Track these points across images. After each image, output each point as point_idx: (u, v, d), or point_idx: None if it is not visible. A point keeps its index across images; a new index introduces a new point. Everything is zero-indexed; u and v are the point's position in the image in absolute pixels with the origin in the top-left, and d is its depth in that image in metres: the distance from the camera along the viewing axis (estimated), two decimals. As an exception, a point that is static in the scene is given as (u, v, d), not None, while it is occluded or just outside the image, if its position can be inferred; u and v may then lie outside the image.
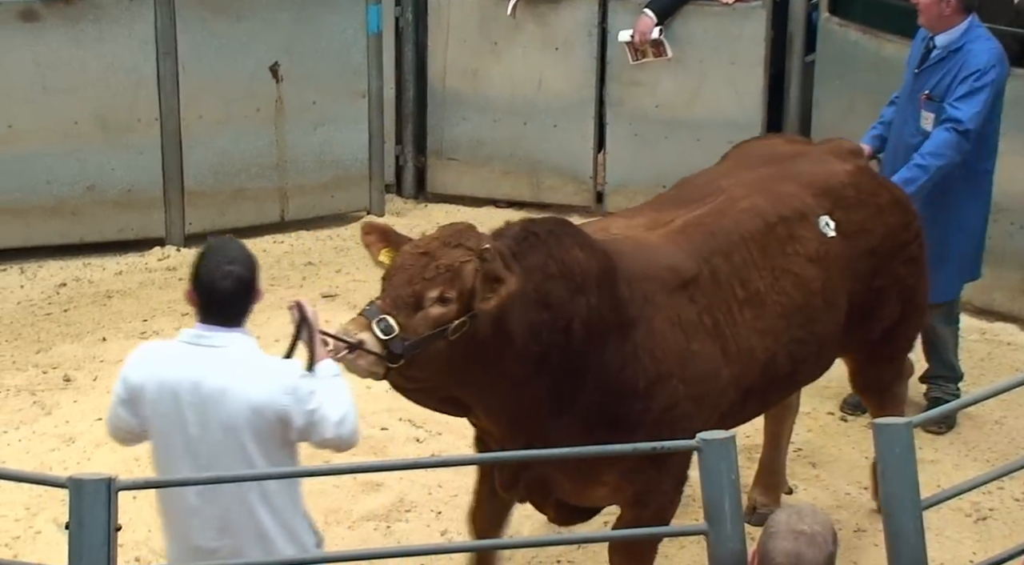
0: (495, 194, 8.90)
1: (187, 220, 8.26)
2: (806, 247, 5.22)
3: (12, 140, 7.89)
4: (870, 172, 5.69)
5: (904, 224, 5.55)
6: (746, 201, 5.20)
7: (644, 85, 8.51)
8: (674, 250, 5.00)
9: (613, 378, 4.77)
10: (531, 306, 4.62)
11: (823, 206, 5.32)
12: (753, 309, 5.05)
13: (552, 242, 4.70)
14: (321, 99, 8.40)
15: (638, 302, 4.81)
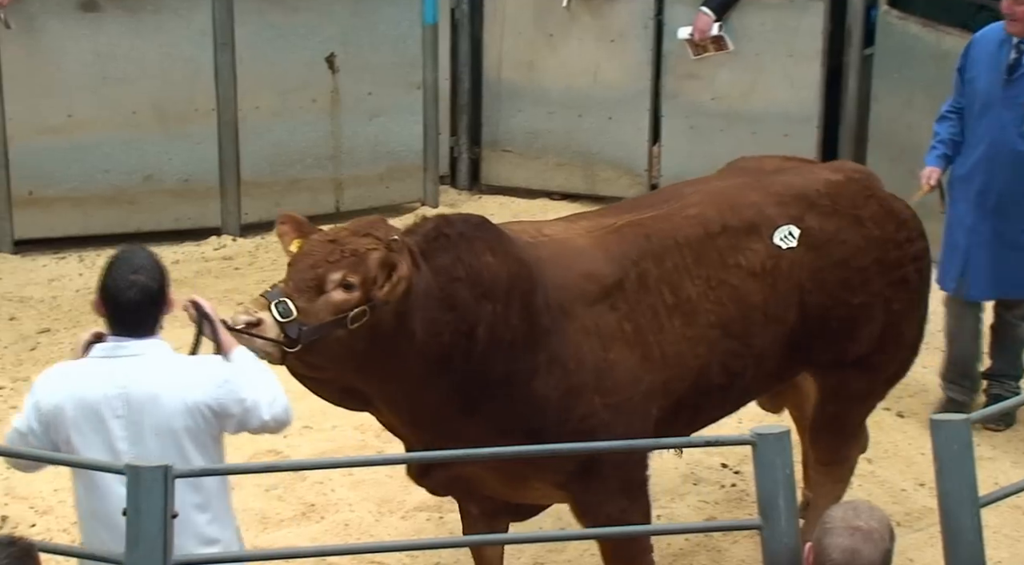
0: (549, 186, 8.89)
1: (243, 210, 8.31)
2: (749, 260, 4.99)
3: (72, 129, 7.95)
4: (863, 185, 5.27)
5: (895, 241, 5.20)
6: (695, 208, 5.02)
7: (700, 78, 8.47)
8: (599, 254, 4.82)
9: (524, 388, 4.62)
10: (435, 305, 4.50)
11: (789, 214, 5.07)
12: (683, 316, 4.87)
13: (462, 244, 4.58)
14: (376, 90, 8.41)
15: (553, 312, 4.66)
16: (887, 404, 6.63)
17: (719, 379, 4.96)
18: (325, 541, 5.59)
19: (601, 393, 4.70)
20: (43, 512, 5.84)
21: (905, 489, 6.18)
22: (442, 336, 4.51)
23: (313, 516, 5.92)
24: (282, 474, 6.01)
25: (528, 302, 4.63)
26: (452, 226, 4.62)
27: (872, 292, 5.15)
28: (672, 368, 4.85)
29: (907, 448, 6.42)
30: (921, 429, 6.30)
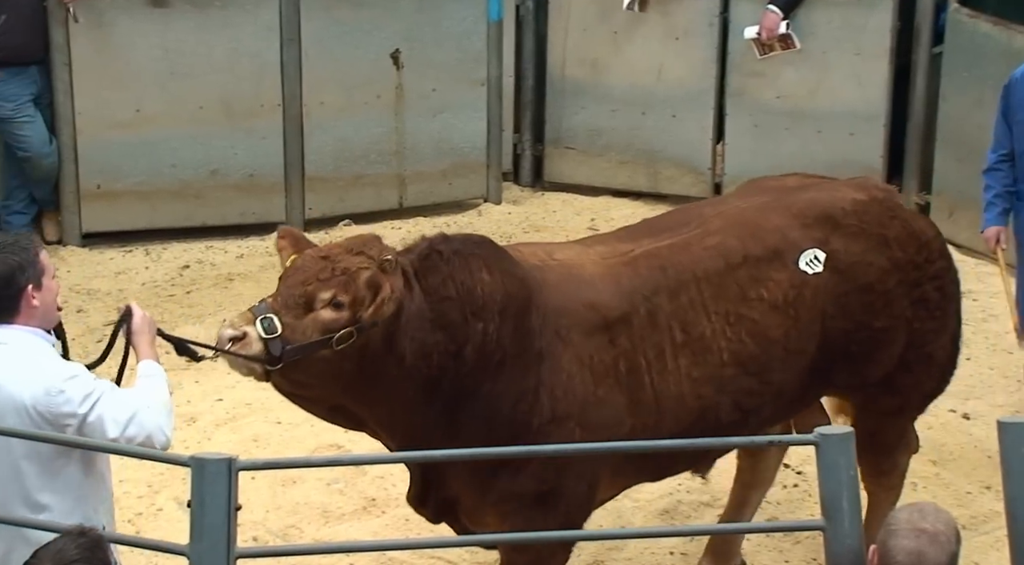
0: (612, 184, 8.87)
1: (307, 205, 8.34)
2: (771, 292, 4.82)
3: (140, 124, 8.02)
4: (887, 205, 5.08)
5: (917, 262, 5.03)
6: (715, 237, 4.84)
7: (765, 76, 8.42)
8: (607, 285, 4.68)
9: (506, 411, 4.53)
10: (425, 326, 4.42)
11: (813, 237, 4.90)
12: (692, 355, 4.71)
13: (456, 262, 4.50)
14: (441, 86, 8.43)
15: (548, 336, 4.55)
16: (953, 406, 6.58)
17: (730, 417, 4.77)
18: (386, 536, 5.60)
19: (583, 427, 4.58)
20: (108, 502, 5.89)
21: (971, 492, 6.11)
22: (431, 357, 4.44)
23: (374, 510, 5.94)
24: (344, 468, 6.04)
25: (522, 323, 4.53)
26: (447, 244, 4.55)
27: (894, 315, 4.99)
28: (666, 411, 4.69)
29: (973, 451, 6.36)
30: (988, 432, 6.22)
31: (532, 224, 8.55)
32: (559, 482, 4.59)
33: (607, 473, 4.74)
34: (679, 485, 6.04)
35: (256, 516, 5.74)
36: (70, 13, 7.76)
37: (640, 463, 4.86)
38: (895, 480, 5.35)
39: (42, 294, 4.17)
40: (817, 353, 4.89)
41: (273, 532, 5.64)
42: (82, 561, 3.47)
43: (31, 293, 4.14)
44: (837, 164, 8.35)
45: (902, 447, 5.33)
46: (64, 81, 7.88)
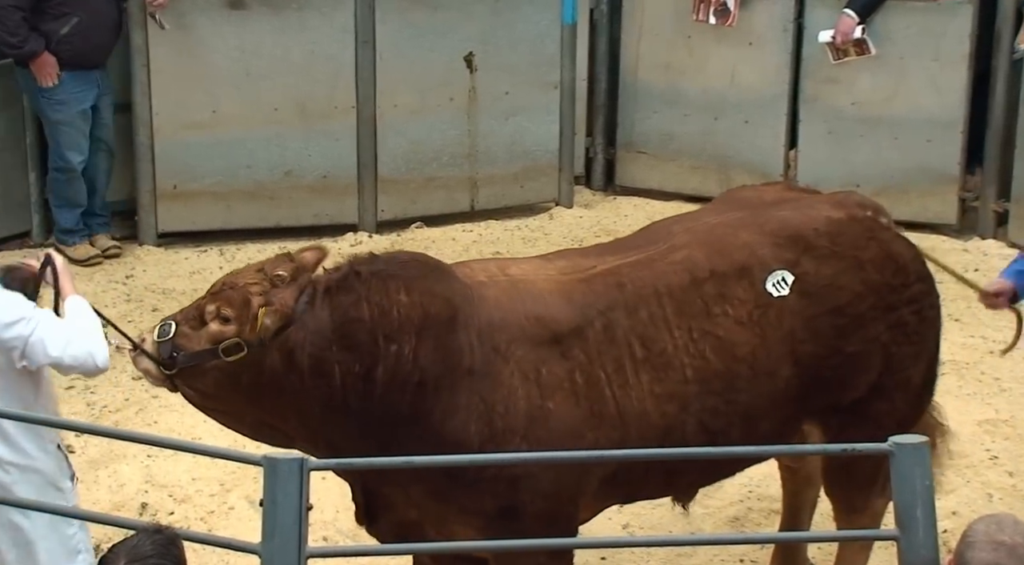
0: (683, 189, 8.82)
1: (379, 207, 8.37)
2: (737, 309, 4.67)
3: (216, 124, 8.09)
4: (865, 225, 4.91)
5: (893, 285, 4.85)
6: (682, 252, 4.73)
7: (840, 82, 8.34)
8: (557, 300, 4.58)
9: (437, 429, 4.45)
10: (324, 344, 4.42)
11: (783, 258, 4.74)
12: (653, 371, 4.59)
13: (374, 284, 4.46)
14: (514, 89, 8.43)
15: (484, 353, 4.47)
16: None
17: (697, 438, 4.62)
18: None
19: (531, 441, 4.47)
20: (181, 500, 5.94)
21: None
22: (332, 376, 4.43)
23: (443, 512, 5.93)
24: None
25: (445, 342, 4.46)
26: (369, 265, 4.52)
27: (868, 338, 4.81)
28: (631, 426, 4.56)
29: (1049, 463, 6.26)
30: (1065, 442, 6.14)
31: (603, 228, 8.52)
32: (516, 497, 4.51)
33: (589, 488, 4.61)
34: (750, 492, 6.00)
35: (327, 516, 5.75)
36: (156, 19, 7.83)
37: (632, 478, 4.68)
38: (866, 522, 5.09)
39: None
40: (792, 379, 4.72)
41: (343, 532, 5.65)
42: (156, 557, 3.49)
43: None
44: (913, 171, 8.29)
45: (877, 488, 5.00)
46: (143, 82, 7.95)
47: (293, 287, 4.45)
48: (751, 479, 6.02)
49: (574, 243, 8.31)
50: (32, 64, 7.62)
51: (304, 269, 4.54)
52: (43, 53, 7.58)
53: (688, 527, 5.75)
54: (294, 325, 4.41)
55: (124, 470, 6.09)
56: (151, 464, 6.10)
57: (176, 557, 3.55)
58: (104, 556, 3.54)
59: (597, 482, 4.63)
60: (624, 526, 5.84)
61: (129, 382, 6.68)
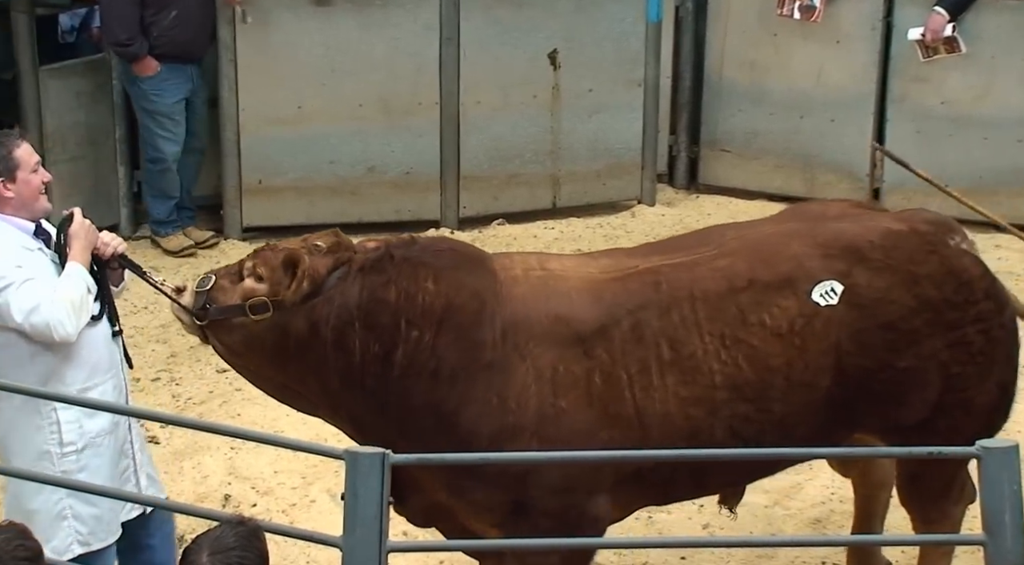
0: (767, 188, 8.76)
1: (461, 203, 8.38)
2: (775, 319, 4.61)
3: (300, 120, 8.14)
4: (926, 239, 4.79)
5: (955, 302, 4.72)
6: (726, 259, 4.69)
7: (929, 81, 8.24)
8: (586, 299, 4.57)
9: (449, 419, 4.50)
10: (349, 321, 4.48)
11: (834, 269, 4.66)
12: (680, 374, 4.55)
13: (404, 268, 4.52)
14: (597, 87, 8.40)
15: (504, 348, 4.49)
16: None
17: (727, 443, 4.58)
18: (533, 535, 5.59)
19: (540, 439, 4.48)
20: (264, 493, 5.99)
21: None
22: (352, 353, 4.50)
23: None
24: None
25: (467, 334, 4.49)
26: (404, 249, 4.58)
27: (922, 355, 4.70)
28: (651, 427, 4.54)
29: None
30: None
31: (685, 226, 8.47)
32: (525, 493, 4.53)
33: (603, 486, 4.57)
34: (832, 494, 5.95)
35: (406, 510, 5.77)
36: (237, 13, 7.90)
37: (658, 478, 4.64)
38: (945, 531, 5.02)
39: (16, 187, 4.59)
40: (835, 389, 4.65)
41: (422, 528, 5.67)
42: (239, 549, 3.52)
43: (2, 185, 4.58)
44: (1003, 171, 8.16)
45: (953, 496, 4.99)
46: (230, 78, 8.02)
47: (328, 258, 4.54)
48: (833, 481, 5.96)
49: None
50: (133, 64, 7.75)
51: (345, 246, 4.60)
52: (145, 57, 7.70)
53: (769, 528, 5.71)
54: (323, 296, 4.49)
55: (208, 462, 6.15)
56: (234, 456, 6.16)
57: (258, 549, 3.57)
58: (187, 547, 3.57)
59: (613, 480, 4.59)
60: (704, 526, 5.81)
61: (214, 375, 6.74)
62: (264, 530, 3.64)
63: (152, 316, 7.29)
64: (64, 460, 4.66)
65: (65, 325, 4.52)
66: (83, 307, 4.58)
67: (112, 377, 4.72)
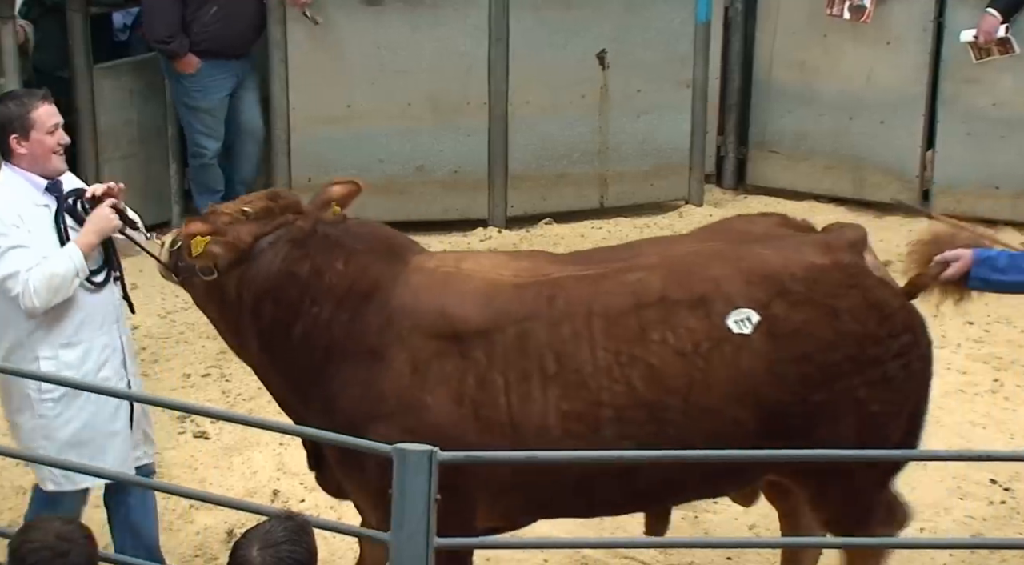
0: (816, 189, 8.72)
1: (509, 203, 8.39)
2: (680, 338, 4.46)
3: (350, 119, 8.17)
4: (849, 272, 4.63)
5: (876, 337, 4.56)
6: (640, 274, 4.57)
7: (981, 82, 8.18)
8: (477, 300, 4.53)
9: (332, 397, 4.57)
10: (264, 290, 4.66)
11: (754, 297, 4.51)
12: (564, 388, 4.44)
13: (323, 245, 4.64)
14: (646, 87, 8.39)
15: (388, 336, 4.52)
16: None
17: (615, 468, 4.42)
18: (580, 534, 5.58)
19: (406, 430, 4.42)
20: (312, 488, 5.98)
21: None
22: (262, 320, 4.68)
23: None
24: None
25: (358, 317, 4.56)
26: (332, 226, 4.69)
27: (838, 390, 4.53)
28: (527, 438, 4.44)
29: None
30: None
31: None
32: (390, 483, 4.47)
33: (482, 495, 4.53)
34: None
35: (453, 507, 5.78)
36: (308, 16, 7.93)
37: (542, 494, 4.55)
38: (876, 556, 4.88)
39: (31, 143, 4.85)
40: (751, 422, 4.49)
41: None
42: (288, 543, 3.54)
43: (16, 141, 4.84)
44: (1055, 174, 8.09)
45: (880, 519, 4.81)
46: (280, 77, 8.07)
47: (254, 225, 4.68)
48: (880, 484, 5.93)
49: (704, 242, 8.26)
50: (174, 61, 7.80)
51: (282, 209, 4.72)
52: (186, 54, 7.74)
53: (816, 530, 5.68)
54: (254, 262, 4.66)
55: (257, 457, 6.19)
56: (283, 452, 6.19)
57: (307, 543, 3.59)
58: (238, 541, 3.60)
59: (487, 491, 4.52)
60: (751, 527, 5.79)
61: (262, 371, 6.77)
62: (312, 525, 3.66)
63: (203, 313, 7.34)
64: (42, 406, 4.90)
65: (34, 298, 4.77)
66: (61, 287, 4.79)
67: (103, 335, 4.94)
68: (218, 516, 5.75)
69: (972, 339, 7.22)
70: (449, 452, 4.03)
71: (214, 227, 4.67)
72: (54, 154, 4.89)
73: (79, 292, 4.86)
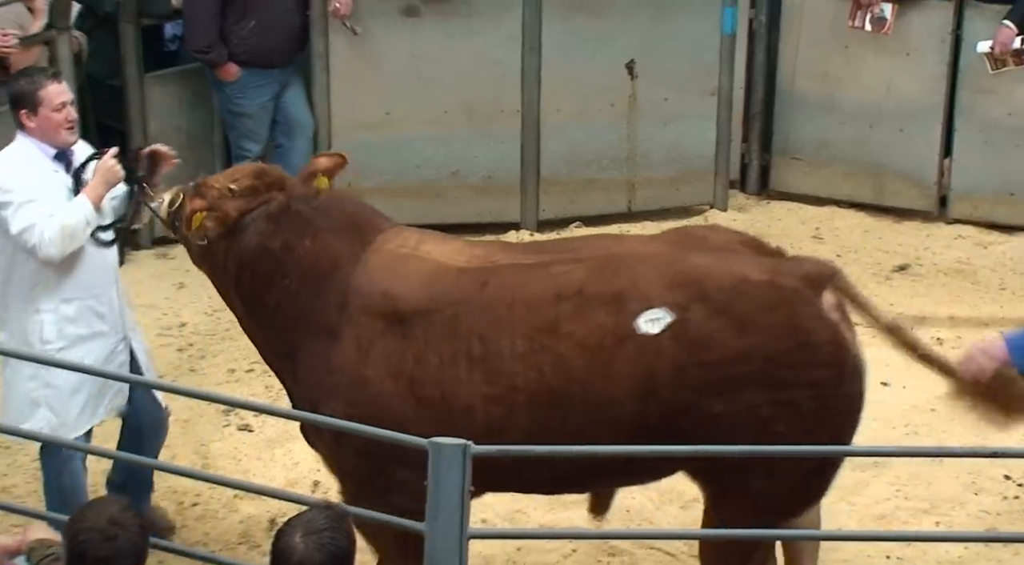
0: (837, 195, 8.69)
1: (540, 206, 8.39)
2: (589, 332, 4.43)
3: (388, 126, 8.19)
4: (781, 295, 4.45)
5: (790, 361, 4.40)
6: (566, 267, 4.55)
7: (997, 93, 8.14)
8: (419, 282, 4.60)
9: (302, 370, 4.75)
10: (244, 262, 4.81)
11: (671, 299, 4.43)
12: (486, 372, 4.47)
13: (295, 222, 4.77)
14: (672, 96, 8.38)
15: (343, 314, 4.63)
16: None
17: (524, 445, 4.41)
18: (607, 525, 5.59)
19: (351, 404, 4.56)
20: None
21: None
22: (243, 290, 4.85)
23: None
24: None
25: (320, 293, 4.69)
26: (304, 203, 4.81)
27: (739, 404, 4.40)
28: (456, 417, 4.48)
29: None
30: None
31: (757, 231, 8.38)
32: (337, 451, 4.70)
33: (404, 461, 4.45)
34: (897, 491, 5.90)
35: (486, 499, 5.72)
36: (348, 27, 7.96)
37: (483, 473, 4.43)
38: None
39: (39, 118, 5.11)
40: (646, 416, 4.43)
41: (501, 515, 5.68)
42: (329, 531, 3.57)
43: (26, 116, 5.12)
44: (1070, 182, 8.05)
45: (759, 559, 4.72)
46: (322, 85, 8.09)
47: (240, 201, 4.83)
48: (898, 478, 5.93)
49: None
50: (215, 70, 7.85)
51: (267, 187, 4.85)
52: (226, 63, 7.79)
53: (834, 524, 5.66)
54: (240, 234, 4.81)
55: (298, 450, 6.20)
56: (322, 444, 6.20)
57: (346, 531, 3.62)
58: (281, 528, 3.63)
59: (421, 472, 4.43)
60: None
61: (303, 367, 6.79)
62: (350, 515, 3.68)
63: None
64: (43, 354, 5.12)
65: (50, 247, 5.00)
66: (74, 236, 5.02)
67: (99, 296, 5.19)
68: (261, 506, 5.78)
69: (988, 340, 7.18)
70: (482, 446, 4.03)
71: (210, 203, 4.84)
72: (62, 129, 5.13)
73: (83, 249, 5.08)
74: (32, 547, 3.94)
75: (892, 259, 8.08)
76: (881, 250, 8.20)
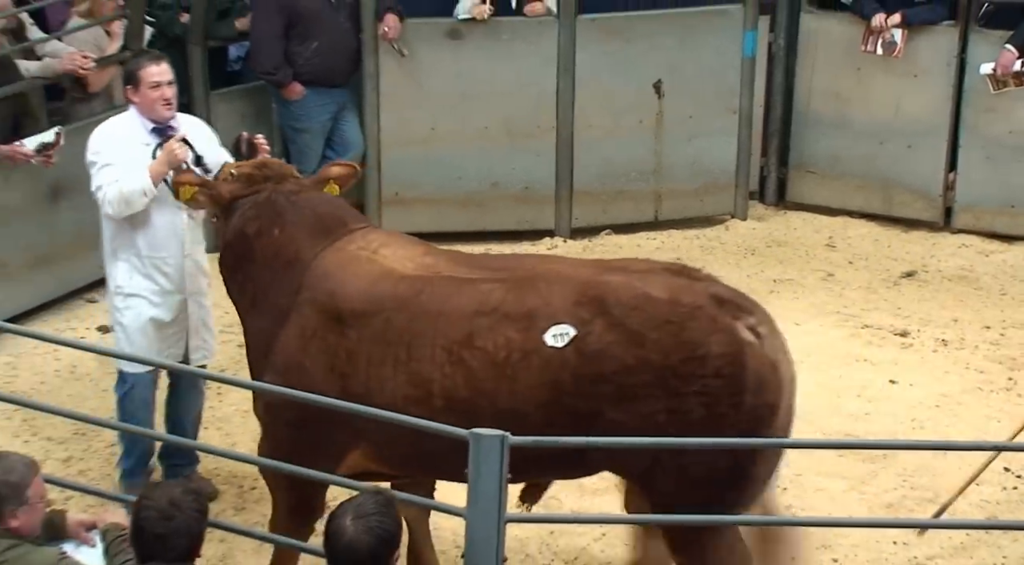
0: (849, 206, 8.67)
1: (574, 215, 8.40)
2: (497, 348, 4.40)
3: (433, 140, 8.22)
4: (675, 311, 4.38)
5: (680, 372, 4.33)
6: (492, 285, 4.50)
7: (999, 112, 8.10)
8: (363, 284, 4.57)
9: (249, 345, 4.88)
10: (229, 243, 4.92)
11: (577, 315, 4.39)
12: (409, 376, 4.46)
13: (271, 212, 4.82)
14: (697, 114, 8.37)
15: (294, 303, 4.68)
16: None
17: (439, 450, 4.24)
18: (634, 511, 5.59)
19: (283, 384, 4.52)
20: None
21: None
22: (227, 269, 4.95)
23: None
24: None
25: (278, 279, 4.75)
26: (284, 194, 4.86)
27: (638, 413, 4.33)
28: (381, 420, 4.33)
29: None
30: None
31: (774, 239, 8.43)
32: (268, 418, 4.73)
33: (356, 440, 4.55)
34: (904, 481, 5.87)
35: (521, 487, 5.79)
36: (396, 48, 7.99)
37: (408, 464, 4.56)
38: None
39: (139, 94, 5.41)
40: (553, 425, 4.35)
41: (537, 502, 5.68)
42: (378, 515, 3.59)
43: (129, 91, 5.45)
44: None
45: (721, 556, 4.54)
46: (372, 103, 8.13)
47: (235, 185, 4.94)
48: (905, 469, 5.90)
49: (747, 251, 8.26)
50: (281, 89, 7.89)
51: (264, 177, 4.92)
52: (291, 83, 7.83)
53: (844, 511, 5.66)
54: (229, 216, 4.91)
55: (348, 438, 6.23)
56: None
57: (394, 515, 3.64)
58: (333, 512, 3.65)
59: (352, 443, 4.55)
60: (787, 507, 5.77)
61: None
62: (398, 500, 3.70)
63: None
64: (115, 297, 5.51)
65: (108, 207, 5.33)
66: (130, 202, 5.30)
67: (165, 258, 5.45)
68: (315, 490, 5.78)
69: (989, 342, 7.16)
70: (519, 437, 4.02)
71: (201, 180, 5.04)
72: (158, 104, 5.37)
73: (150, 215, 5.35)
74: (107, 528, 3.98)
75: (900, 266, 8.06)
76: (890, 257, 8.17)
